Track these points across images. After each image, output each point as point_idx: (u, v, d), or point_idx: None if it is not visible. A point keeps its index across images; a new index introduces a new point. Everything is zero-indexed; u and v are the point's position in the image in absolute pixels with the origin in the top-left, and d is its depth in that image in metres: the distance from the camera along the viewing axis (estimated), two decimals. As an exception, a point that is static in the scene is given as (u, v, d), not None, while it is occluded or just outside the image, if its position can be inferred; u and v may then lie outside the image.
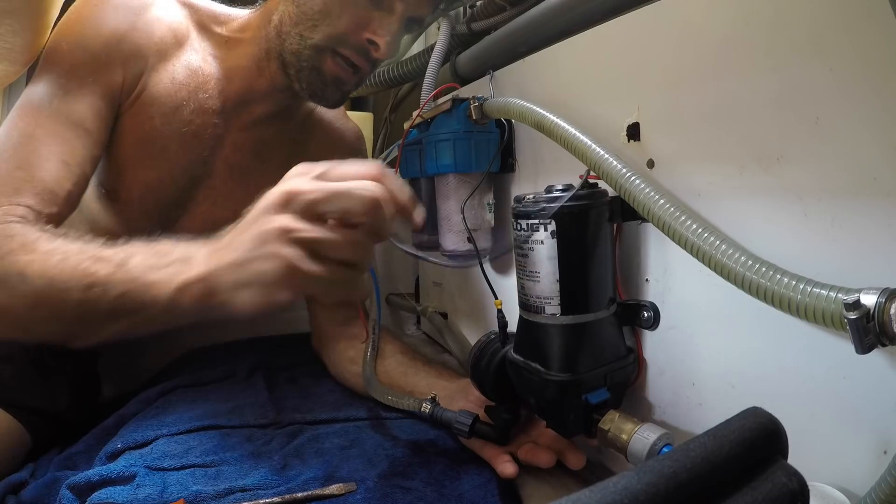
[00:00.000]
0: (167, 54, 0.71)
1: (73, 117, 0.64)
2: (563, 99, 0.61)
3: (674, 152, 0.48)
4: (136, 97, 0.70)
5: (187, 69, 0.73)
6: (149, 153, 0.72)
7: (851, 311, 0.30)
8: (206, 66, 0.74)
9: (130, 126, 0.70)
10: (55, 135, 0.63)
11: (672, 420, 0.50)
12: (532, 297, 0.50)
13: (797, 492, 0.29)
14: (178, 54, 0.72)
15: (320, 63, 0.70)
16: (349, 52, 0.69)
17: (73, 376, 0.85)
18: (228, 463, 0.60)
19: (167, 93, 0.71)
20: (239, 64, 0.74)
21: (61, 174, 0.62)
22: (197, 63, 0.74)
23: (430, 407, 0.60)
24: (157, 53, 0.70)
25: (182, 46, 0.73)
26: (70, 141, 0.64)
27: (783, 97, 0.39)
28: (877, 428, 0.34)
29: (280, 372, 0.90)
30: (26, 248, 0.53)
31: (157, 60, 0.71)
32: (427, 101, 0.75)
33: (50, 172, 0.61)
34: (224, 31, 0.76)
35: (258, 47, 0.73)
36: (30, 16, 0.69)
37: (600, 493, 0.26)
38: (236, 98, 0.75)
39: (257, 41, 0.73)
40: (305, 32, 0.68)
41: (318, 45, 0.68)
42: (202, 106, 0.73)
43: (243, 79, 0.75)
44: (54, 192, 0.61)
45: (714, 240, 0.39)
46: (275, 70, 0.73)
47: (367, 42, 0.68)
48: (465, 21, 0.85)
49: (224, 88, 0.75)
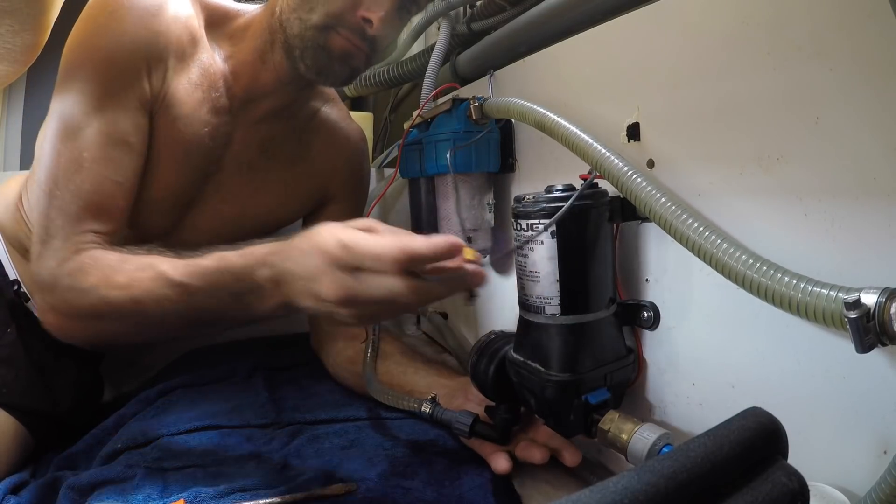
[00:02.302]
0: (184, 55, 0.72)
1: (116, 135, 0.65)
2: (564, 99, 0.61)
3: (674, 152, 0.48)
4: (161, 100, 0.70)
5: (200, 69, 0.73)
6: (173, 155, 0.72)
7: (852, 311, 0.30)
8: (215, 64, 0.74)
9: (157, 130, 0.71)
10: (103, 157, 0.64)
11: (672, 420, 0.50)
12: (532, 297, 0.50)
13: (797, 492, 0.29)
14: (193, 54, 0.73)
15: (325, 40, 0.69)
16: (346, 34, 0.69)
17: (76, 378, 0.85)
18: (228, 463, 0.60)
19: (186, 94, 0.71)
20: (245, 59, 0.75)
21: (115, 193, 0.65)
22: (208, 61, 0.74)
23: (430, 407, 0.60)
24: (175, 55, 0.71)
25: (196, 46, 0.73)
26: (117, 159, 0.65)
27: (783, 97, 0.39)
28: (877, 428, 0.34)
29: (280, 372, 0.90)
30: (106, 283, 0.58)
31: (176, 62, 0.71)
32: (427, 101, 0.75)
33: (104, 195, 0.64)
34: (231, 28, 0.77)
35: (262, 40, 0.73)
36: (30, 15, 0.69)
37: (600, 493, 0.26)
38: (243, 94, 0.76)
39: (261, 34, 0.74)
40: (304, 15, 0.68)
41: (318, 24, 0.68)
42: (215, 105, 0.74)
43: (249, 74, 0.75)
44: (111, 213, 0.65)
45: (716, 238, 0.39)
46: (279, 60, 0.73)
47: (363, 21, 0.69)
48: (465, 21, 0.85)
49: (232, 85, 0.75)
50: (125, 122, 0.66)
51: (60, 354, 0.83)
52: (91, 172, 0.63)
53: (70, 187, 0.63)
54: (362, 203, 0.91)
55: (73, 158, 0.63)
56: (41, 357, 0.80)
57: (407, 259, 0.44)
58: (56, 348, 0.83)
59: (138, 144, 0.68)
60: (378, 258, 0.45)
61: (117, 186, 0.65)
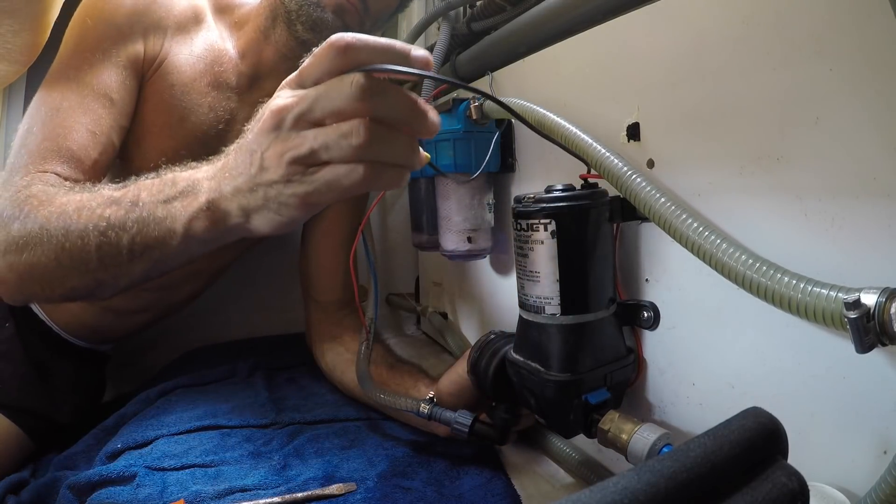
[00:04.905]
0: (187, 28, 0.74)
1: (99, 88, 0.66)
2: (563, 99, 0.61)
3: (674, 152, 0.48)
4: (157, 67, 0.72)
5: (205, 44, 0.76)
6: (167, 122, 0.73)
7: (852, 311, 0.30)
8: (221, 44, 0.77)
9: (150, 95, 0.72)
10: (81, 105, 0.64)
11: (672, 420, 0.50)
12: (532, 297, 0.50)
13: (797, 492, 0.29)
14: (197, 30, 0.76)
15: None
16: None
17: (77, 380, 0.85)
18: (228, 463, 0.60)
19: (186, 63, 0.73)
20: (249, 38, 0.78)
21: (87, 143, 0.63)
22: (213, 39, 0.77)
23: (428, 407, 0.59)
24: (176, 26, 0.73)
25: (200, 24, 0.76)
26: (96, 111, 0.65)
27: (783, 97, 0.39)
28: (877, 428, 0.34)
29: (280, 372, 0.90)
30: (44, 203, 0.53)
31: (176, 32, 0.73)
32: (427, 101, 0.75)
33: (76, 142, 0.62)
34: (237, 15, 0.80)
35: (264, 17, 0.76)
36: (30, 16, 0.69)
37: (600, 493, 0.26)
38: (248, 73, 0.78)
39: (264, 12, 0.76)
40: None
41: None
42: (217, 79, 0.76)
43: (253, 53, 0.77)
44: (80, 160, 0.63)
45: (715, 238, 0.39)
46: (281, 34, 0.75)
47: None
48: (465, 21, 0.85)
49: (237, 65, 0.78)
50: (111, 77, 0.67)
51: (61, 353, 0.83)
52: (66, 118, 0.63)
53: (44, 129, 0.62)
54: (363, 200, 0.91)
55: (53, 105, 0.63)
56: (40, 354, 0.80)
57: (343, 44, 0.36)
58: (56, 347, 0.83)
59: (120, 102, 0.68)
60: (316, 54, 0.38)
61: (91, 136, 0.64)
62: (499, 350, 0.57)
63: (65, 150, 0.61)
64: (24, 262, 0.52)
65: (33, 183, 0.57)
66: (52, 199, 0.54)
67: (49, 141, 0.61)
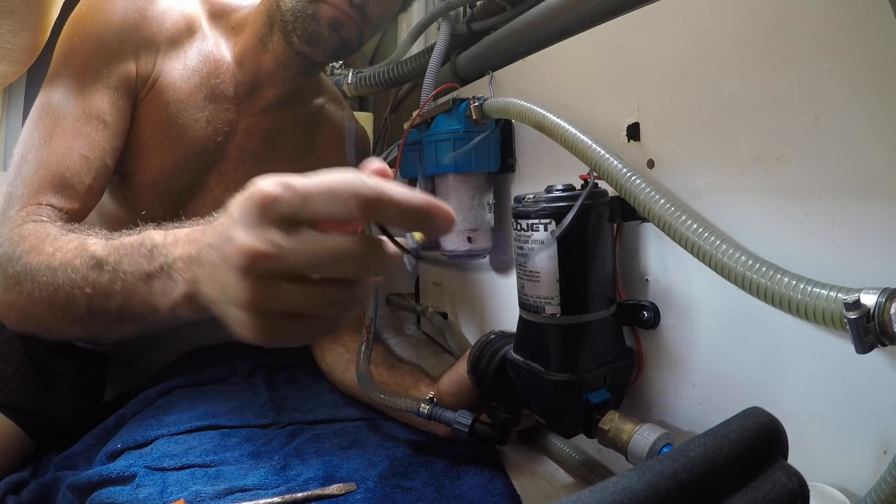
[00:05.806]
0: (179, 42, 0.73)
1: (91, 111, 0.65)
2: (563, 99, 0.61)
3: (674, 152, 0.48)
4: (151, 86, 0.71)
5: (199, 55, 0.74)
6: (165, 139, 0.73)
7: (851, 311, 0.30)
8: (217, 53, 0.76)
9: (147, 113, 0.71)
10: (73, 130, 0.64)
11: (672, 420, 0.50)
12: (532, 297, 0.50)
13: (797, 492, 0.29)
14: (191, 41, 0.74)
15: (315, 9, 0.70)
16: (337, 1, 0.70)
17: (78, 381, 0.85)
18: (228, 463, 0.60)
19: (181, 78, 0.72)
20: (246, 45, 0.76)
21: (81, 169, 0.63)
22: (209, 49, 0.75)
23: (428, 408, 0.60)
24: (168, 41, 0.72)
25: (194, 34, 0.74)
26: (88, 135, 0.64)
27: (783, 97, 0.39)
28: (877, 428, 0.34)
29: (280, 372, 0.90)
30: (35, 249, 0.53)
31: (169, 48, 0.72)
32: (427, 102, 0.75)
33: (70, 169, 0.62)
34: (233, 20, 0.78)
35: (261, 24, 0.75)
36: (30, 16, 0.69)
37: (600, 493, 0.26)
38: (247, 82, 0.77)
39: (261, 18, 0.75)
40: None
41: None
42: (214, 91, 0.75)
43: (251, 60, 0.76)
44: (74, 188, 0.62)
45: (714, 239, 0.39)
46: (278, 42, 0.74)
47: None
48: (465, 21, 0.85)
49: (235, 73, 0.76)
50: (102, 99, 0.66)
51: (61, 353, 0.83)
52: (59, 145, 0.62)
53: (38, 158, 0.62)
54: None
55: (46, 132, 0.63)
56: (41, 356, 0.80)
57: (374, 197, 0.31)
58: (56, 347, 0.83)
59: (113, 124, 0.67)
60: (329, 191, 0.30)
61: (84, 161, 0.63)
62: (499, 350, 0.57)
63: (59, 178, 0.61)
64: (21, 306, 0.53)
65: (27, 220, 0.57)
66: (41, 247, 0.52)
67: (43, 170, 0.61)
